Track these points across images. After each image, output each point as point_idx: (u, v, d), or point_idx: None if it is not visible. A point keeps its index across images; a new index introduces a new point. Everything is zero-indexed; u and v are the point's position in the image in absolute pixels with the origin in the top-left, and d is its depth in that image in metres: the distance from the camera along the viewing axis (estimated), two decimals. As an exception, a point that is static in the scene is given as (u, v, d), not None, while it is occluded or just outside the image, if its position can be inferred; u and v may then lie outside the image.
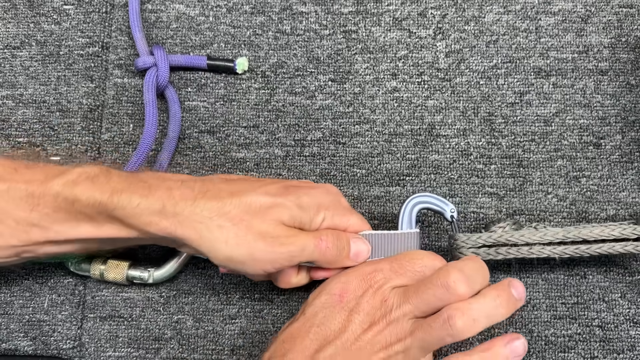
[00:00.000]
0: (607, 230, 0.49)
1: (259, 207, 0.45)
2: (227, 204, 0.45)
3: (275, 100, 0.58)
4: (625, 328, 0.52)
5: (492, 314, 0.44)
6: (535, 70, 0.58)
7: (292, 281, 0.49)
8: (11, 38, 0.60)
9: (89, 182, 0.44)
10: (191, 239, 0.44)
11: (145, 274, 0.53)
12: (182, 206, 0.44)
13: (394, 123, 0.57)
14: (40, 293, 0.55)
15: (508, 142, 0.56)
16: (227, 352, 0.54)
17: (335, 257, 0.47)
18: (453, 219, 0.50)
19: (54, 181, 0.44)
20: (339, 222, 0.48)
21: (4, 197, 0.44)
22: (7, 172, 0.45)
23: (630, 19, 0.58)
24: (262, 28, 0.60)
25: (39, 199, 0.44)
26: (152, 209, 0.44)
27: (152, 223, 0.44)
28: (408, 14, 0.59)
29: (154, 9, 0.60)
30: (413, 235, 0.50)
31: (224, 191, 0.46)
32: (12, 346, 0.54)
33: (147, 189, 0.45)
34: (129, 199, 0.44)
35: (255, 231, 0.44)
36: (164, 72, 0.57)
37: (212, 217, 0.44)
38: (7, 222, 0.44)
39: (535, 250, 0.49)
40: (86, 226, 0.45)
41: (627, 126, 0.57)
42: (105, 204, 0.44)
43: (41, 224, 0.45)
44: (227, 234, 0.44)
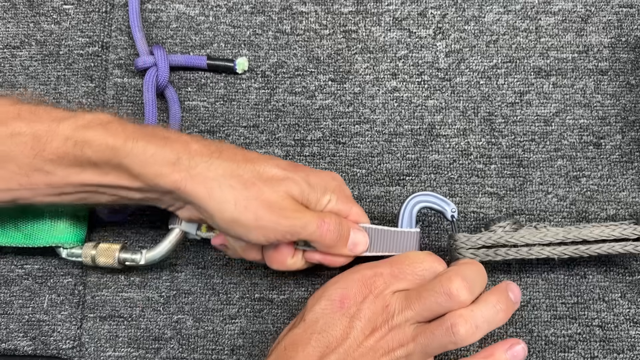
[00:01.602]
0: (607, 230, 0.49)
1: (271, 176, 0.45)
2: (241, 167, 0.45)
3: (275, 100, 0.58)
4: (625, 328, 0.52)
5: (493, 319, 0.44)
6: (535, 70, 0.58)
7: (287, 262, 0.48)
8: (11, 38, 0.60)
9: (102, 128, 0.43)
10: (200, 196, 0.44)
11: (137, 256, 0.52)
12: (197, 161, 0.44)
13: (394, 123, 0.57)
14: (40, 293, 0.55)
15: (508, 142, 0.56)
16: (227, 352, 0.54)
17: (334, 242, 0.47)
18: (453, 218, 0.50)
19: (63, 124, 0.43)
20: (342, 208, 0.48)
21: (6, 142, 0.43)
22: (10, 115, 0.44)
23: (630, 19, 0.58)
24: (262, 28, 0.60)
25: (44, 144, 0.43)
26: (166, 159, 0.43)
27: (162, 174, 0.43)
28: (408, 14, 0.59)
29: (154, 9, 0.60)
30: (413, 235, 0.50)
31: (238, 155, 0.46)
32: (11, 346, 0.54)
33: (163, 139, 0.44)
34: (144, 147, 0.43)
35: (265, 198, 0.44)
36: (164, 72, 0.57)
37: (225, 175, 0.44)
38: (8, 167, 0.43)
39: (535, 251, 0.49)
40: (90, 173, 0.44)
41: (627, 126, 0.57)
42: (117, 150, 0.43)
43: (44, 168, 0.44)
44: (237, 195, 0.44)
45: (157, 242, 0.53)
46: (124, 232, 0.56)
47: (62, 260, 0.55)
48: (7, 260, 0.55)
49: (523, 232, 0.50)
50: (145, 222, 0.56)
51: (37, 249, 0.54)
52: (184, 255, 0.55)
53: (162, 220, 0.55)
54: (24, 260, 0.55)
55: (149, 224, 0.56)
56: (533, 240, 0.49)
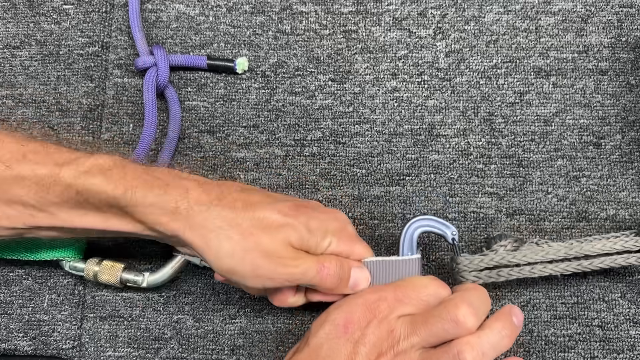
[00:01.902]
0: (609, 243, 0.49)
1: (270, 224, 0.45)
2: (240, 216, 0.45)
3: (275, 100, 0.58)
4: (625, 328, 0.52)
5: (499, 345, 0.44)
6: (535, 70, 0.58)
7: (288, 301, 0.49)
8: (11, 38, 0.60)
9: (102, 176, 0.44)
10: (197, 245, 0.44)
11: (139, 278, 0.53)
12: (195, 210, 0.44)
13: (394, 123, 0.57)
14: (40, 293, 0.55)
15: (508, 142, 0.56)
16: (227, 352, 0.54)
17: (335, 285, 0.47)
18: (454, 241, 0.49)
19: (65, 171, 0.44)
20: (343, 250, 0.48)
21: (12, 184, 0.44)
22: (16, 158, 0.45)
23: (630, 19, 0.58)
24: (262, 28, 0.60)
25: (48, 189, 0.44)
26: (165, 208, 0.44)
27: (162, 223, 0.44)
28: (408, 14, 0.59)
29: (154, 9, 0.60)
30: (414, 262, 0.49)
31: (238, 201, 0.46)
32: (11, 346, 0.54)
33: (163, 187, 0.45)
34: (144, 196, 0.44)
35: (262, 248, 0.44)
36: (164, 72, 0.57)
37: (223, 226, 0.44)
38: (14, 206, 0.45)
39: (537, 269, 0.49)
40: (93, 217, 0.45)
41: (627, 126, 0.57)
42: (118, 200, 0.44)
43: (49, 210, 0.45)
44: (234, 246, 0.44)
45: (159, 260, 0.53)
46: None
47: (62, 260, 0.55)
48: (7, 260, 0.55)
49: (525, 250, 0.49)
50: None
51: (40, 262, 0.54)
52: (184, 255, 0.55)
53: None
54: (24, 260, 0.55)
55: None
56: (535, 258, 0.49)
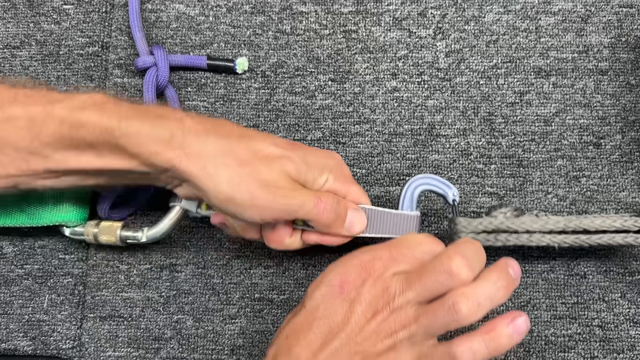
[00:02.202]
0: (609, 221, 0.49)
1: (267, 154, 0.45)
2: (236, 144, 0.44)
3: (275, 100, 0.58)
4: (625, 328, 0.52)
5: (495, 297, 0.43)
6: (535, 70, 0.58)
7: (284, 241, 0.48)
8: (11, 38, 0.60)
9: (97, 108, 0.43)
10: (194, 174, 0.44)
11: (138, 234, 0.52)
12: (190, 139, 0.44)
13: (394, 123, 0.57)
14: (40, 293, 0.55)
15: (508, 142, 0.56)
16: (227, 352, 0.54)
17: (331, 221, 0.47)
18: (455, 202, 0.50)
19: (58, 106, 0.43)
20: (340, 188, 0.48)
21: (2, 126, 0.43)
22: (6, 99, 0.44)
23: (630, 19, 0.58)
24: (262, 28, 0.60)
25: (41, 127, 0.43)
26: (160, 137, 0.43)
27: (157, 153, 0.43)
28: (408, 14, 0.59)
29: (153, 9, 0.60)
30: (413, 218, 0.49)
31: (235, 131, 0.45)
32: (11, 346, 0.54)
33: (157, 117, 0.44)
34: (138, 126, 0.43)
35: (260, 177, 0.44)
36: (164, 72, 0.57)
37: (219, 154, 0.44)
38: (6, 152, 0.43)
39: (535, 238, 0.49)
40: (88, 155, 0.44)
41: (627, 126, 0.57)
42: (112, 130, 0.43)
43: (42, 152, 0.43)
44: (231, 173, 0.44)
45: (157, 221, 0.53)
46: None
47: (62, 260, 0.55)
48: (7, 261, 0.55)
49: (524, 218, 0.49)
50: (145, 220, 0.56)
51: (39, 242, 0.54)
52: (184, 256, 0.55)
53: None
54: (24, 260, 0.55)
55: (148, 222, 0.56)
56: (534, 227, 0.49)
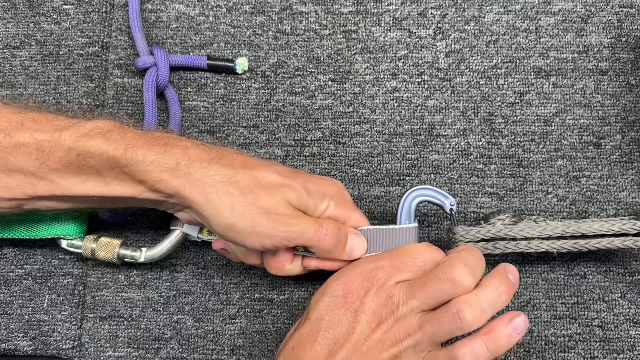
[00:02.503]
0: (607, 225, 0.49)
1: (269, 183, 0.45)
2: (239, 173, 0.45)
3: (275, 100, 0.58)
4: (625, 328, 0.52)
5: (497, 302, 0.44)
6: (535, 70, 0.58)
7: (285, 267, 0.48)
8: (11, 38, 0.60)
9: (102, 137, 0.44)
10: (197, 201, 0.44)
11: (136, 253, 0.52)
12: (195, 167, 0.44)
13: (394, 123, 0.57)
14: (40, 293, 0.55)
15: (508, 142, 0.56)
16: (227, 352, 0.54)
17: (332, 247, 0.47)
18: (452, 212, 0.50)
19: (65, 134, 0.44)
20: (340, 214, 0.48)
21: (12, 152, 0.44)
22: (14, 126, 0.45)
23: (630, 19, 0.58)
24: (262, 28, 0.60)
25: (48, 154, 0.44)
26: (165, 166, 0.44)
27: (162, 181, 0.44)
28: (408, 14, 0.59)
29: (154, 9, 0.60)
30: (411, 230, 0.49)
31: (237, 160, 0.46)
32: (11, 346, 0.54)
33: (162, 146, 0.45)
34: (144, 155, 0.44)
35: (261, 205, 0.44)
36: (164, 72, 0.57)
37: (222, 182, 0.44)
38: (15, 176, 0.44)
39: (534, 244, 0.49)
40: (94, 182, 0.45)
41: (627, 126, 0.57)
42: (118, 160, 0.44)
43: (49, 177, 0.44)
44: (234, 201, 0.44)
45: (156, 242, 0.53)
46: (125, 232, 0.56)
47: (62, 260, 0.55)
48: (7, 260, 0.55)
49: (522, 225, 0.50)
50: (146, 223, 0.56)
51: (39, 242, 0.54)
52: (184, 256, 0.55)
53: (163, 220, 0.55)
54: (24, 260, 0.55)
55: (150, 224, 0.56)
56: (532, 234, 0.49)
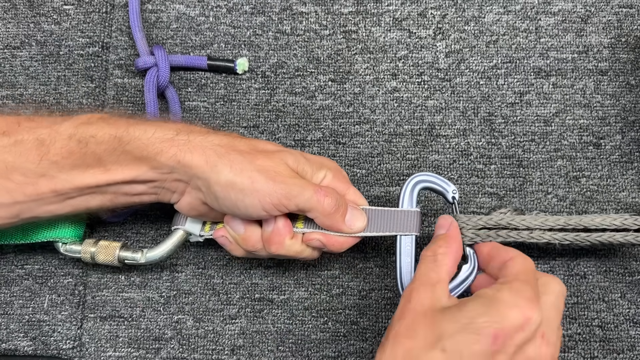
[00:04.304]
0: (609, 219, 0.49)
1: (266, 149, 0.47)
2: (236, 140, 0.47)
3: (275, 100, 0.58)
4: (625, 328, 0.52)
5: None
6: (535, 70, 0.58)
7: (285, 241, 0.48)
8: (11, 38, 0.60)
9: (103, 121, 0.45)
10: (197, 164, 0.45)
11: (137, 255, 0.52)
12: (194, 135, 0.46)
13: (394, 123, 0.57)
14: (40, 293, 0.55)
15: (508, 142, 0.57)
16: (227, 352, 0.54)
17: (332, 211, 0.47)
18: (454, 200, 0.50)
19: (64, 124, 0.45)
20: (338, 185, 0.49)
21: (11, 151, 0.44)
22: (11, 126, 0.45)
23: (630, 19, 0.58)
24: (262, 28, 0.60)
25: (49, 146, 0.44)
26: (164, 137, 0.45)
27: (162, 151, 0.45)
28: (408, 14, 0.59)
29: (154, 9, 0.60)
30: (413, 214, 0.49)
31: (233, 134, 0.48)
32: (12, 346, 0.54)
33: (161, 122, 0.47)
34: (145, 129, 0.45)
35: (260, 164, 0.45)
36: (165, 72, 0.57)
37: (221, 145, 0.46)
38: (13, 178, 0.44)
39: (536, 235, 0.49)
40: (93, 171, 0.45)
41: (627, 126, 0.57)
42: (121, 138, 0.45)
43: (49, 173, 0.45)
44: (233, 159, 0.45)
45: (156, 242, 0.53)
46: (124, 233, 0.56)
47: (63, 260, 0.55)
48: (7, 260, 0.55)
49: (525, 216, 0.50)
50: (146, 223, 0.56)
51: (37, 246, 0.54)
52: (184, 256, 0.55)
53: (163, 220, 0.55)
54: (24, 261, 0.55)
55: (150, 224, 0.56)
56: (534, 224, 0.49)
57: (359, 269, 0.55)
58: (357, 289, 0.54)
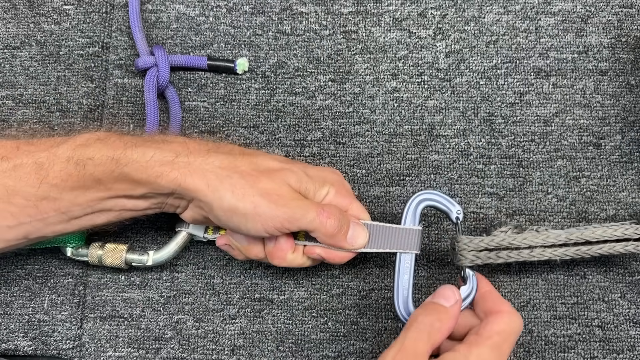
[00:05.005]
0: (610, 230, 0.49)
1: (268, 168, 0.46)
2: (238, 159, 0.46)
3: (275, 100, 0.58)
4: (625, 328, 0.52)
5: None
6: (535, 70, 0.58)
7: (287, 256, 0.48)
8: (11, 38, 0.60)
9: (100, 143, 0.45)
10: (199, 188, 0.44)
11: (144, 257, 0.53)
12: (194, 157, 0.45)
13: (394, 123, 0.57)
14: (40, 293, 0.55)
15: (508, 142, 0.56)
16: (227, 352, 0.54)
17: (334, 231, 0.47)
18: (458, 220, 0.49)
19: (62, 147, 0.45)
20: (341, 201, 0.48)
21: (11, 175, 0.44)
22: (10, 150, 0.45)
23: (630, 19, 0.58)
24: (262, 28, 0.60)
25: (47, 170, 0.44)
26: (164, 160, 0.45)
27: (162, 174, 0.44)
28: (408, 14, 0.59)
29: (154, 9, 0.60)
30: (415, 232, 0.49)
31: (235, 149, 0.47)
32: (12, 346, 0.54)
33: (160, 142, 0.46)
34: (143, 151, 0.45)
35: (262, 187, 0.45)
36: (165, 72, 0.57)
37: (222, 167, 0.45)
38: (15, 201, 0.44)
39: (537, 252, 0.49)
40: (95, 190, 0.45)
41: (627, 126, 0.57)
42: (118, 160, 0.44)
43: (50, 195, 0.45)
44: (234, 183, 0.44)
45: (157, 241, 0.53)
46: (125, 233, 0.56)
47: (63, 260, 0.55)
48: (7, 260, 0.55)
49: (525, 234, 0.49)
50: (147, 224, 0.56)
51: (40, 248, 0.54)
52: (185, 256, 0.55)
53: (165, 221, 0.55)
54: (24, 261, 0.55)
55: (151, 224, 0.56)
56: (535, 242, 0.49)
57: (359, 269, 0.55)
58: (357, 289, 0.54)
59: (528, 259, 0.49)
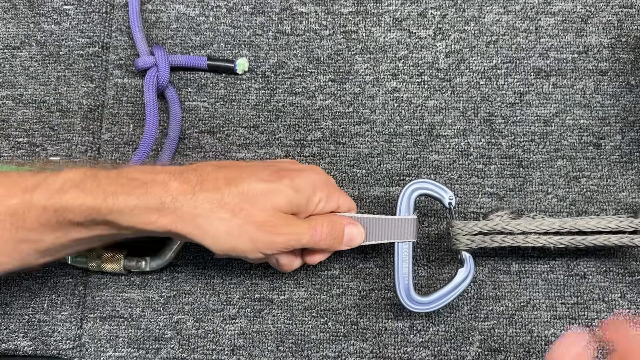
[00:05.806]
0: (604, 222, 0.49)
1: (256, 194, 0.45)
2: (225, 195, 0.44)
3: (275, 100, 0.58)
4: (625, 328, 0.52)
5: None
6: (535, 71, 0.58)
7: (293, 265, 0.50)
8: (11, 38, 0.60)
9: (77, 189, 0.42)
10: (193, 233, 0.44)
11: (142, 263, 0.54)
12: (181, 201, 0.43)
13: (394, 123, 0.57)
14: (40, 293, 0.55)
15: (508, 142, 0.56)
16: (227, 352, 0.54)
17: (329, 245, 0.49)
18: (451, 206, 0.50)
19: (37, 194, 0.42)
20: (332, 205, 0.49)
21: None
22: None
23: (630, 19, 0.58)
24: (262, 28, 0.60)
25: (24, 217, 0.42)
26: (150, 207, 0.43)
27: (150, 222, 0.43)
28: (408, 14, 0.59)
29: (154, 9, 0.60)
30: (410, 222, 0.50)
31: (220, 180, 0.45)
32: (12, 346, 0.54)
33: (141, 186, 0.43)
34: (125, 200, 0.42)
35: (255, 220, 0.45)
36: (165, 72, 0.57)
37: (212, 209, 0.44)
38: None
39: (531, 239, 0.50)
40: (77, 232, 0.43)
41: (627, 126, 0.57)
42: (99, 209, 0.42)
43: (30, 238, 0.42)
44: (228, 225, 0.44)
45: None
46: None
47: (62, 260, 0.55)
48: (8, 261, 0.55)
49: (520, 220, 0.50)
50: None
51: None
52: (184, 256, 0.55)
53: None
54: (24, 261, 0.56)
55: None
56: (529, 228, 0.50)
57: (359, 269, 0.55)
58: (357, 289, 0.54)
59: (522, 244, 0.50)
